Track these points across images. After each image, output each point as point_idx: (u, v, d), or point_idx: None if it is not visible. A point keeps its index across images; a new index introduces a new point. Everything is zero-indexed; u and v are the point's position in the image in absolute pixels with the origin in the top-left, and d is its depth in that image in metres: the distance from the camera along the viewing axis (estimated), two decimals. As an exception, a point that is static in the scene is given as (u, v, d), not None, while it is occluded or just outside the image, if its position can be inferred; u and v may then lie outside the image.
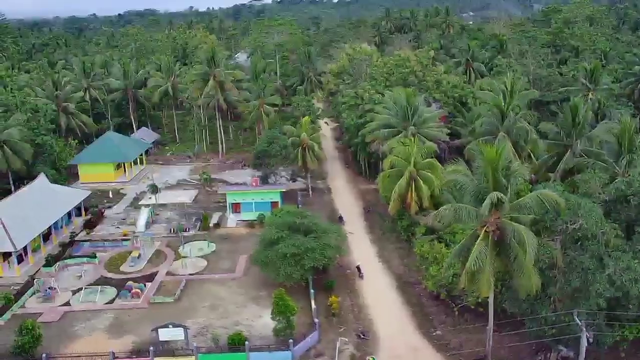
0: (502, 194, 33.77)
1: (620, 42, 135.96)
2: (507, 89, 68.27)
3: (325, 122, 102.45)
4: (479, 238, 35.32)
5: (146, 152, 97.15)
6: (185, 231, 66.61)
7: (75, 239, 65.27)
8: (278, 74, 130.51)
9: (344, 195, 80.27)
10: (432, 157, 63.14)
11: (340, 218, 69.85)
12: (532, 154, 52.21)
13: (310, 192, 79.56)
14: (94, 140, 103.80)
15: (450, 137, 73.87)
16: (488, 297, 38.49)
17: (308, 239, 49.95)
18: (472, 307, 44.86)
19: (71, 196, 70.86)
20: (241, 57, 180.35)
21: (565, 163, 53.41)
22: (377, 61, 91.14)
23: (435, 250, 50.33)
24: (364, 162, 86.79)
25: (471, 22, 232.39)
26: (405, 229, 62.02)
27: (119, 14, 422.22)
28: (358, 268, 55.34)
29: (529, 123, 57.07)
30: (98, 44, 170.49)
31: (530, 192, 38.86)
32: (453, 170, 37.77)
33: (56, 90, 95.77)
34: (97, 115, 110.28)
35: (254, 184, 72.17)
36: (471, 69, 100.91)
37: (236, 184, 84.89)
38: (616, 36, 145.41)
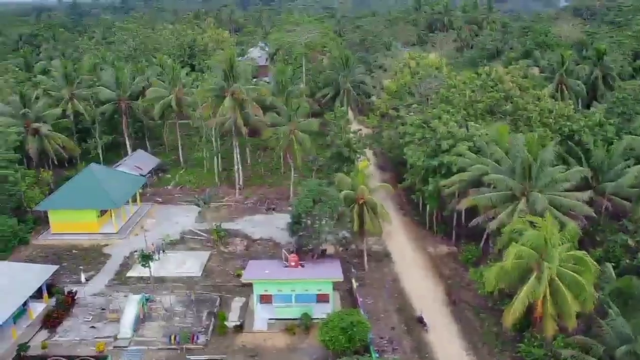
0: None
1: None
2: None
3: (374, 154, 79.84)
4: None
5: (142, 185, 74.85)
6: (192, 341, 44.49)
7: (26, 354, 43.03)
8: (304, 81, 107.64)
9: (412, 268, 57.89)
10: (575, 246, 41.34)
11: (421, 320, 47.61)
12: None
13: (366, 263, 57.39)
14: (77, 164, 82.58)
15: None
16: None
17: None
18: None
19: (27, 278, 48.45)
20: (254, 54, 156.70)
21: None
22: (452, 78, 67.87)
23: None
24: (430, 213, 64.67)
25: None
26: (536, 360, 40.06)
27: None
28: None
29: None
30: (91, 38, 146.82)
31: None
32: None
33: (24, 107, 73.15)
34: (81, 132, 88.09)
35: (292, 263, 49.60)
36: (564, 86, 77.67)
37: (260, 239, 63.41)
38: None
